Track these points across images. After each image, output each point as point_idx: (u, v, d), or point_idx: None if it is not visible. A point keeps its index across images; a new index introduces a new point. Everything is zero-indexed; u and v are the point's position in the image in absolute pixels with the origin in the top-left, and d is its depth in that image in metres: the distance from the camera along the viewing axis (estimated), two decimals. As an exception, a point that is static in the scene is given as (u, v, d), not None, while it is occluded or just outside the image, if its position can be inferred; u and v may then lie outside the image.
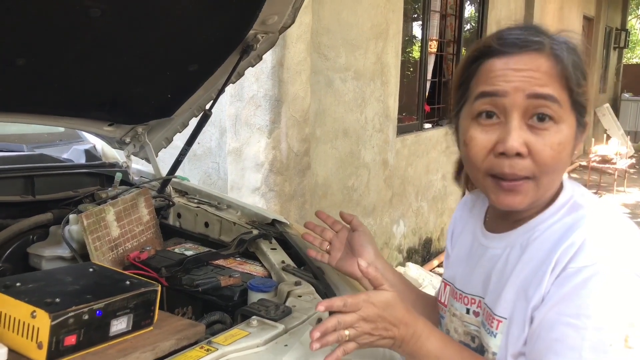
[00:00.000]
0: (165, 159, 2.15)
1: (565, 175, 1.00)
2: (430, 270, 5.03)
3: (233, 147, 3.44)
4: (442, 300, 1.16)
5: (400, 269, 4.57)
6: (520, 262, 0.95)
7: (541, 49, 0.91)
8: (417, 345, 0.96)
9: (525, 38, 0.92)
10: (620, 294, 0.83)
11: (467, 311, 1.06)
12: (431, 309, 1.22)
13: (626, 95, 14.26)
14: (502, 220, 1.03)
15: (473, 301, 1.05)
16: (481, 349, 1.02)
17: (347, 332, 0.93)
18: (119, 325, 1.08)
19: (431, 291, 2.34)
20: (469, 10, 6.57)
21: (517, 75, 0.90)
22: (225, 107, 3.38)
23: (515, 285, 0.94)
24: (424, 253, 5.53)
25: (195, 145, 2.00)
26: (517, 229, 0.99)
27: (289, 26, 1.81)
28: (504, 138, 0.90)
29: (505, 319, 0.95)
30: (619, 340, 0.82)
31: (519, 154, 0.90)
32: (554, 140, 0.90)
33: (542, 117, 0.90)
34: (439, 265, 5.28)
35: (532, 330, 0.90)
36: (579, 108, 0.93)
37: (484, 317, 1.01)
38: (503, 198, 0.94)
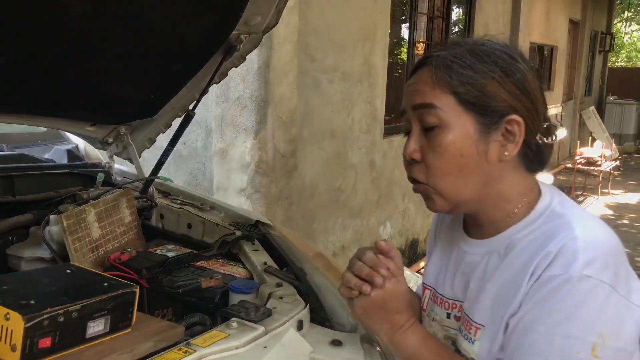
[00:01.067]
0: (151, 159, 2.14)
1: (550, 179, 0.99)
2: (417, 272, 5.04)
3: (219, 147, 3.42)
4: (423, 305, 1.16)
5: (386, 270, 4.57)
6: (498, 270, 0.96)
7: (429, 63, 0.96)
8: (400, 336, 0.97)
9: (424, 57, 0.99)
10: (591, 303, 0.84)
11: (448, 316, 1.07)
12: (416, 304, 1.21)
13: (611, 98, 14.39)
14: (477, 226, 1.03)
15: (454, 306, 1.06)
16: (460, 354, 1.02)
17: (362, 290, 0.94)
18: (95, 327, 1.06)
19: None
20: (457, 12, 6.60)
21: (408, 91, 0.98)
22: (211, 107, 3.37)
23: (492, 294, 0.95)
24: (410, 254, 5.55)
25: (180, 146, 2.00)
26: (495, 237, 0.99)
27: (273, 27, 1.80)
28: (405, 148, 0.98)
29: (484, 326, 0.96)
30: (587, 350, 0.83)
31: (415, 160, 0.97)
32: (437, 144, 0.94)
33: (427, 124, 0.95)
34: (426, 267, 5.28)
35: (507, 335, 0.92)
36: (476, 107, 0.93)
37: (462, 322, 1.02)
38: (425, 203, 1.00)
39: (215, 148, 3.46)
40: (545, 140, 1.01)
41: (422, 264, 5.38)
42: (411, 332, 0.98)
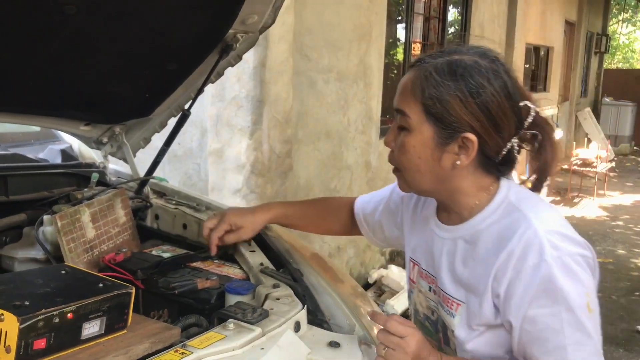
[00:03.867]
0: (145, 159, 2.12)
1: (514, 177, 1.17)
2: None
3: (214, 148, 3.41)
4: (412, 278, 1.32)
5: (382, 271, 4.57)
6: (469, 257, 1.13)
7: (417, 67, 1.10)
8: None
9: (420, 58, 1.13)
10: (572, 276, 1.02)
11: (430, 289, 1.24)
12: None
13: (607, 99, 14.45)
14: (446, 213, 1.20)
15: (432, 280, 1.23)
16: (443, 324, 1.20)
17: (384, 351, 1.07)
18: (91, 328, 1.05)
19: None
20: (453, 13, 6.61)
21: (397, 91, 1.14)
22: (207, 107, 3.35)
23: (465, 277, 1.12)
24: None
25: (175, 146, 1.98)
26: (461, 225, 1.16)
27: (269, 26, 1.79)
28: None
29: (464, 303, 1.13)
30: (584, 310, 1.02)
31: (390, 149, 1.16)
32: (402, 144, 1.12)
33: (400, 125, 1.12)
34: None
35: (515, 330, 1.06)
36: (437, 120, 1.07)
37: (441, 298, 1.18)
38: (397, 183, 1.21)
39: (211, 148, 3.44)
40: (525, 147, 1.13)
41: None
42: None
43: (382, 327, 1.08)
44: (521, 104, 1.09)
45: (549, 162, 1.13)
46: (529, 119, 1.10)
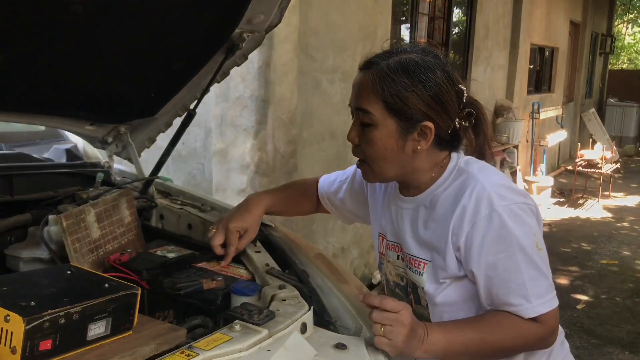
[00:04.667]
0: (149, 159, 2.12)
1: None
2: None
3: (218, 148, 3.41)
4: (381, 251, 1.45)
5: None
6: (430, 219, 1.27)
7: (371, 68, 1.22)
8: (428, 342, 1.16)
9: (369, 59, 1.24)
10: (520, 221, 1.17)
11: (397, 257, 1.37)
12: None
13: (611, 100, 14.40)
14: (407, 188, 1.34)
15: (399, 249, 1.36)
16: (412, 285, 1.33)
17: (381, 329, 1.13)
18: (96, 329, 1.04)
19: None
20: (457, 13, 6.59)
21: (353, 90, 1.26)
22: (211, 107, 3.35)
23: (428, 237, 1.26)
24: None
25: (180, 146, 1.98)
26: (420, 195, 1.30)
27: (275, 25, 1.78)
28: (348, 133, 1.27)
29: (430, 261, 1.26)
30: (534, 248, 1.18)
31: (355, 144, 1.27)
32: (369, 138, 1.23)
33: (363, 122, 1.23)
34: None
35: (479, 278, 1.19)
36: (398, 114, 1.20)
37: (408, 261, 1.32)
38: (362, 174, 1.32)
39: (215, 148, 3.44)
40: (464, 124, 1.28)
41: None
42: (432, 332, 1.17)
43: (377, 307, 1.14)
44: (458, 87, 1.25)
45: (486, 131, 1.32)
46: (464, 99, 1.27)
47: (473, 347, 1.19)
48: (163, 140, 2.09)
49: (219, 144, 3.40)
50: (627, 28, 21.72)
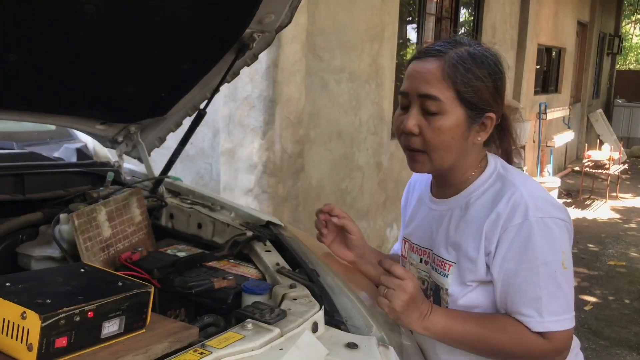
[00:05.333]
0: (158, 159, 2.13)
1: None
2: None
3: (226, 147, 3.42)
4: (403, 254, 1.47)
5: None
6: (462, 221, 1.27)
7: (439, 56, 1.20)
8: (429, 319, 1.20)
9: (433, 47, 1.23)
10: (550, 235, 1.17)
11: (421, 260, 1.38)
12: None
13: (619, 101, 14.33)
14: (442, 188, 1.34)
15: (424, 252, 1.37)
16: (434, 287, 1.32)
17: (384, 291, 1.19)
18: (110, 327, 1.05)
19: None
20: (464, 13, 6.58)
21: (414, 77, 1.22)
22: (219, 107, 3.36)
23: (460, 238, 1.26)
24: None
25: (188, 146, 1.98)
26: (456, 196, 1.30)
27: (286, 25, 1.79)
28: (405, 121, 1.23)
29: (455, 263, 1.26)
30: (559, 266, 1.17)
31: (412, 133, 1.22)
32: (437, 127, 1.20)
33: (429, 110, 1.20)
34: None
35: (497, 282, 1.21)
36: (468, 104, 1.20)
37: (435, 263, 1.32)
38: (410, 164, 1.28)
39: (223, 148, 3.45)
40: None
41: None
42: (435, 313, 1.22)
43: (387, 271, 1.20)
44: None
45: (511, 128, 1.35)
46: None
47: (470, 340, 1.22)
48: (172, 140, 2.10)
49: (226, 144, 3.41)
50: (634, 28, 21.61)
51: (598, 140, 10.73)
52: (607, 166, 8.53)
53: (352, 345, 1.20)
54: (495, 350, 1.21)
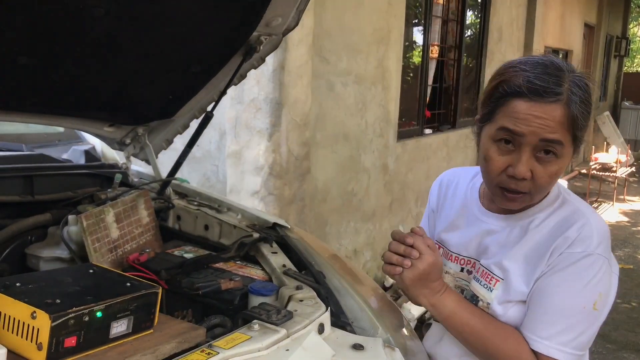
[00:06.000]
0: (165, 160, 2.14)
1: (564, 185, 1.26)
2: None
3: (233, 150, 3.43)
4: None
5: (399, 274, 4.55)
6: (522, 241, 1.22)
7: (559, 100, 1.11)
8: (438, 298, 1.21)
9: (548, 87, 1.11)
10: (596, 274, 1.14)
11: (462, 270, 1.32)
12: None
13: (626, 103, 14.27)
14: (493, 202, 1.27)
15: (469, 262, 1.31)
16: (471, 297, 1.27)
17: (404, 265, 1.18)
18: (119, 327, 1.06)
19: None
20: (471, 16, 6.58)
21: (535, 122, 1.11)
22: (226, 109, 3.37)
23: (515, 258, 1.21)
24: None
25: (194, 148, 1.99)
26: (517, 214, 1.25)
27: (293, 28, 1.80)
28: (516, 165, 1.14)
29: (503, 280, 1.22)
30: (590, 304, 1.14)
31: (527, 179, 1.14)
32: (552, 170, 1.15)
33: (547, 153, 1.13)
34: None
35: (531, 293, 1.18)
36: (578, 142, 1.16)
37: (479, 274, 1.27)
38: (505, 203, 1.21)
39: (229, 150, 3.46)
40: None
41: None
42: (447, 295, 1.22)
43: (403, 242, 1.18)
44: None
45: None
46: None
47: (469, 334, 1.21)
48: (179, 142, 2.11)
49: (233, 146, 3.42)
50: (642, 30, 21.51)
51: (605, 142, 10.68)
52: (614, 169, 8.50)
53: (358, 347, 1.21)
54: (488, 354, 1.20)
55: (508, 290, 1.21)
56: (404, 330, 1.40)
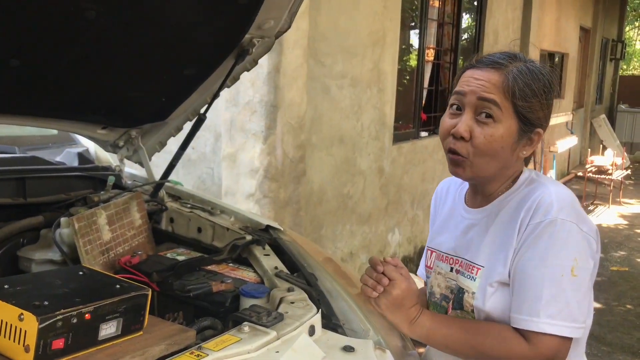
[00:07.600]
0: (159, 163, 2.14)
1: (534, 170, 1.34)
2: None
3: (228, 152, 3.42)
4: (429, 265, 1.45)
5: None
6: (494, 224, 1.27)
7: (499, 68, 1.22)
8: (415, 324, 1.25)
9: (493, 59, 1.24)
10: (565, 238, 1.16)
11: (451, 269, 1.35)
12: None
13: (622, 106, 14.31)
14: (477, 198, 1.34)
15: (457, 261, 1.34)
16: (458, 290, 1.31)
17: (379, 290, 1.24)
18: (108, 329, 1.06)
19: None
20: (467, 19, 6.59)
21: (474, 82, 1.22)
22: (221, 112, 3.37)
23: (490, 241, 1.26)
24: (418, 262, 5.50)
25: (189, 150, 1.99)
26: (489, 205, 1.31)
27: (285, 31, 1.80)
28: (457, 125, 1.23)
29: (483, 267, 1.26)
30: (568, 272, 1.15)
31: (462, 138, 1.22)
32: (488, 132, 1.21)
33: (485, 114, 1.21)
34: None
35: (511, 277, 1.20)
36: (522, 118, 1.22)
37: (464, 268, 1.31)
38: (451, 168, 1.28)
39: (224, 153, 3.46)
40: None
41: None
42: (422, 317, 1.26)
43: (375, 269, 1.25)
44: None
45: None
46: None
47: (453, 343, 1.24)
48: (172, 144, 2.11)
49: (228, 149, 3.42)
50: (638, 34, 21.59)
51: (601, 145, 10.71)
52: (610, 172, 8.52)
53: (348, 349, 1.21)
54: (478, 352, 1.22)
55: (489, 274, 1.24)
56: (395, 332, 1.40)
